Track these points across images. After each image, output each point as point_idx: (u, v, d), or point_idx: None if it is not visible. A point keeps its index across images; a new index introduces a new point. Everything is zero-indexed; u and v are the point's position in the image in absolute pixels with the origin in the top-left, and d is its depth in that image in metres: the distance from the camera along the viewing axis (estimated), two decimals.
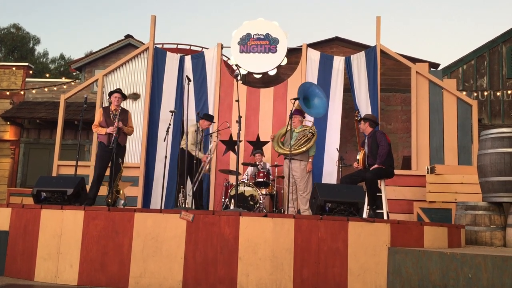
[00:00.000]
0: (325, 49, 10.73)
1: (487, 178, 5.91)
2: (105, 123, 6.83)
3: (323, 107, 7.32)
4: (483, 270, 3.65)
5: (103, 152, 6.79)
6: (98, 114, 7.05)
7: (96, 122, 6.95)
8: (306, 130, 7.16)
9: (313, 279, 4.47)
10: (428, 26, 67.31)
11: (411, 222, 5.15)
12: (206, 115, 7.59)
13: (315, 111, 7.31)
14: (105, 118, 6.86)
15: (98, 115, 7.03)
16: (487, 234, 5.76)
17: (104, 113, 6.91)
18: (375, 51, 8.93)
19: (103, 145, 6.81)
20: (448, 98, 8.70)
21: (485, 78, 12.59)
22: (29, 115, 12.70)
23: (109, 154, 6.68)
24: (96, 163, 6.96)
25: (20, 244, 4.99)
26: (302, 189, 7.02)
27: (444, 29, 67.59)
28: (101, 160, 6.82)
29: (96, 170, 6.86)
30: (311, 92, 7.26)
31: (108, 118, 6.84)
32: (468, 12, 67.43)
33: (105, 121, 6.84)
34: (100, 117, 6.92)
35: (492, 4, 63.78)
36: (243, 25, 9.48)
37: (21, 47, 29.30)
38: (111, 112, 6.90)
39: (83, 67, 13.81)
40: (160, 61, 9.32)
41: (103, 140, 6.81)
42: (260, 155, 8.26)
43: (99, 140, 6.97)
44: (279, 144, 7.19)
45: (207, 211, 4.92)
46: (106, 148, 6.71)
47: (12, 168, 13.04)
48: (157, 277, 4.55)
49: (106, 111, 6.93)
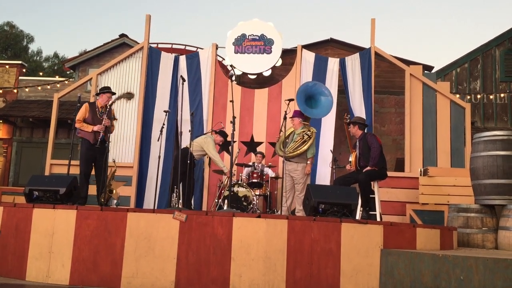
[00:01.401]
0: (320, 50, 10.75)
1: (480, 181, 5.94)
2: (91, 120, 6.52)
3: (328, 106, 7.00)
4: (475, 272, 3.66)
5: (88, 150, 6.48)
6: (83, 109, 6.57)
7: (79, 118, 6.52)
8: (304, 132, 7.07)
9: (306, 280, 4.47)
10: (422, 28, 67.63)
11: (404, 224, 5.17)
12: (221, 132, 7.66)
13: (318, 111, 7.02)
14: (92, 115, 6.54)
15: (83, 110, 6.56)
16: (479, 237, 5.79)
17: (90, 109, 6.58)
18: (370, 53, 8.96)
19: (87, 143, 6.50)
20: (442, 101, 8.74)
21: (479, 81, 12.66)
22: (22, 114, 12.63)
23: (93, 153, 6.43)
24: (81, 162, 6.58)
25: (12, 243, 4.95)
26: (300, 190, 6.93)
27: (438, 32, 67.94)
28: (86, 158, 6.51)
29: (82, 169, 6.55)
30: (316, 90, 6.96)
31: (94, 115, 6.54)
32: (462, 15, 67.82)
33: (91, 118, 6.53)
34: (85, 113, 6.54)
35: (487, 7, 64.21)
36: (238, 25, 9.48)
37: (14, 45, 29.16)
38: (97, 109, 6.59)
39: (77, 66, 13.76)
40: (155, 61, 9.30)
41: (88, 137, 6.49)
42: (261, 156, 8.27)
43: (81, 136, 6.57)
44: (280, 147, 7.05)
45: (200, 212, 4.91)
46: (91, 146, 6.43)
47: (4, 166, 12.96)
48: (149, 277, 4.53)
49: (92, 108, 6.61)
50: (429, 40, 65.67)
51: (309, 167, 6.95)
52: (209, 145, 7.29)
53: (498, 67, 12.63)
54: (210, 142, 7.32)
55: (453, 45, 63.30)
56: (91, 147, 6.46)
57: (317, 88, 7.02)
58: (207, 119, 9.04)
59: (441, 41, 65.67)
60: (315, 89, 7.02)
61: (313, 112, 7.02)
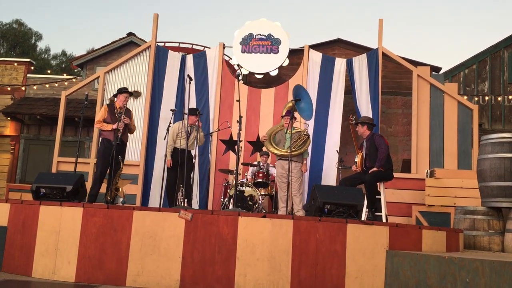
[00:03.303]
0: (327, 50, 10.72)
1: (487, 183, 5.91)
2: (110, 120, 6.78)
3: (310, 109, 7.25)
4: (481, 275, 3.64)
5: (106, 149, 6.72)
6: (102, 110, 6.92)
7: (99, 118, 6.85)
8: (301, 132, 7.22)
9: (311, 280, 4.47)
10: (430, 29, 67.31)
11: (410, 226, 5.15)
12: (189, 110, 7.47)
13: (304, 113, 7.29)
14: (110, 115, 6.80)
15: (102, 111, 6.90)
16: (486, 239, 5.76)
17: (109, 110, 6.85)
18: (377, 53, 8.93)
19: (107, 142, 6.76)
20: (449, 102, 8.70)
21: (486, 82, 12.57)
22: (29, 111, 12.70)
23: (111, 152, 6.62)
24: (99, 160, 6.87)
25: (18, 240, 4.98)
26: (296, 189, 7.13)
27: (446, 33, 67.60)
28: (104, 157, 6.73)
29: (99, 167, 6.80)
30: (300, 95, 7.19)
31: (113, 115, 6.80)
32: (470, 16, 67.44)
33: (110, 118, 6.79)
34: (104, 113, 6.84)
35: (495, 9, 63.79)
36: (246, 25, 9.48)
37: (23, 43, 29.30)
38: (115, 110, 6.85)
39: (85, 64, 13.81)
40: (162, 60, 9.32)
41: (108, 136, 6.76)
42: (266, 156, 8.29)
43: (102, 137, 6.90)
44: (273, 145, 7.24)
45: (205, 211, 4.92)
46: (110, 145, 6.65)
47: (12, 163, 13.04)
48: (154, 276, 4.55)
49: (111, 108, 6.88)
50: (437, 41, 65.37)
51: (305, 166, 7.44)
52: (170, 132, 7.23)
53: (506, 69, 12.54)
54: (171, 129, 7.26)
55: (461, 46, 62.99)
56: (110, 146, 6.66)
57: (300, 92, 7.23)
58: (214, 118, 9.05)
59: (449, 42, 65.36)
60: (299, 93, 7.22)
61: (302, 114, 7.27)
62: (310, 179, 8.54)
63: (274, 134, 7.40)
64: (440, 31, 67.77)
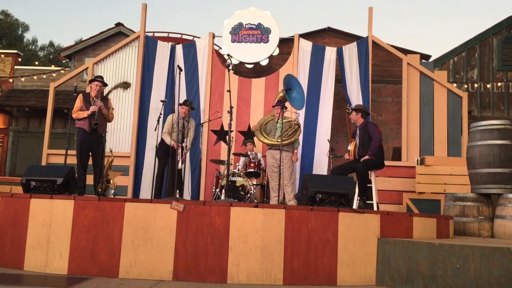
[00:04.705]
0: (317, 39, 10.70)
1: (476, 170, 5.97)
2: (85, 108, 6.69)
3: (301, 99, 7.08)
4: (471, 261, 3.69)
5: (82, 139, 6.64)
6: (78, 99, 6.81)
7: (76, 108, 6.73)
8: (292, 122, 7.22)
9: (303, 269, 4.50)
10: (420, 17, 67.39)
11: (401, 213, 5.19)
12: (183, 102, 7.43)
13: (295, 103, 7.22)
14: (85, 103, 6.73)
15: (78, 100, 6.79)
16: (475, 225, 5.83)
17: (84, 99, 6.78)
18: (367, 42, 8.93)
19: (82, 132, 6.65)
20: (439, 90, 8.74)
21: (476, 70, 12.65)
22: (18, 103, 12.58)
23: (89, 142, 6.58)
24: (77, 151, 6.72)
25: (9, 234, 4.95)
26: (288, 178, 7.15)
27: (435, 21, 67.73)
28: (81, 148, 6.64)
29: (78, 158, 6.67)
30: (291, 85, 7.14)
31: (88, 104, 6.71)
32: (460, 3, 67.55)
33: (85, 106, 6.70)
34: (80, 102, 6.75)
35: None
36: (235, 14, 9.41)
37: (9, 34, 28.92)
38: (91, 99, 6.77)
39: (73, 55, 13.67)
40: (151, 50, 9.25)
41: (83, 126, 6.65)
42: (251, 144, 8.25)
43: (78, 126, 6.73)
44: (264, 134, 7.25)
45: (197, 201, 4.92)
46: (86, 135, 6.58)
47: (1, 156, 12.94)
48: (147, 267, 4.55)
49: (86, 97, 6.81)
50: (427, 29, 65.50)
51: (296, 156, 7.43)
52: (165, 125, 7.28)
53: (495, 56, 12.62)
54: (168, 122, 7.27)
55: (450, 34, 63.19)
56: (86, 136, 6.57)
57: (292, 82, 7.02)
58: (204, 108, 9.02)
59: (438, 30, 65.52)
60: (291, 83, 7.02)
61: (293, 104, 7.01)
62: (302, 168, 8.56)
63: (265, 124, 7.40)
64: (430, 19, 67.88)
